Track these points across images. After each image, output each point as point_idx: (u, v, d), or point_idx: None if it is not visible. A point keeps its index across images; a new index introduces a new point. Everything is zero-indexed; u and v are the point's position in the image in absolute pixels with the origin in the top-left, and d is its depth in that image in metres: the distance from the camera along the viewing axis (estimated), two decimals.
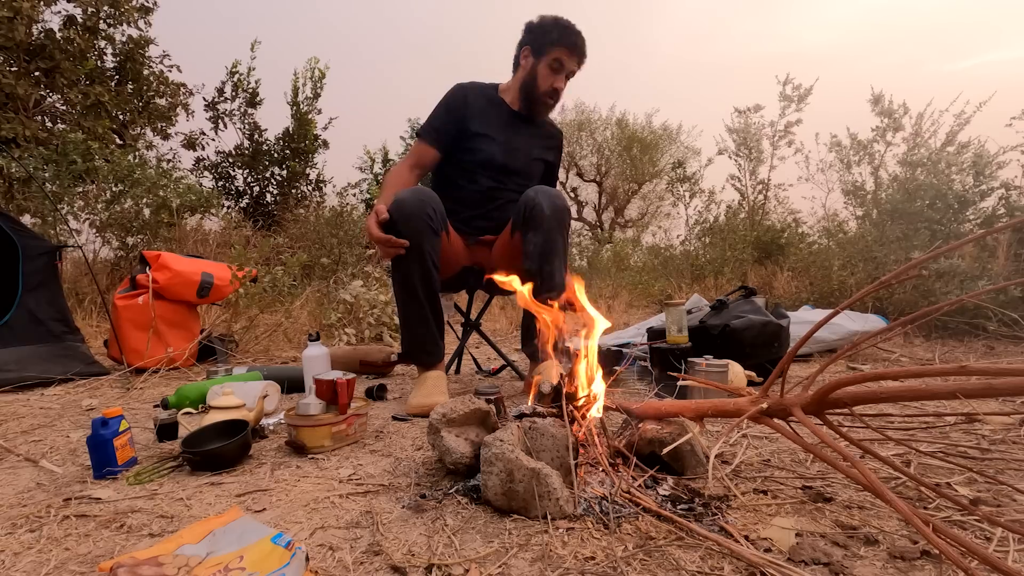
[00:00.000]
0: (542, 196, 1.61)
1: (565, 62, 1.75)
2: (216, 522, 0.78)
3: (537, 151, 1.91)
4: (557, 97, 1.80)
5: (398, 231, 1.55)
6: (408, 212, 1.54)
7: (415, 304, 1.61)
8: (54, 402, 1.80)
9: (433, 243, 1.58)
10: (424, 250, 1.56)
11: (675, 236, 7.46)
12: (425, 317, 1.63)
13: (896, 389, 0.77)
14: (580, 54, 1.77)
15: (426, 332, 1.64)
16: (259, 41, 6.51)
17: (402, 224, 1.54)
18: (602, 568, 0.70)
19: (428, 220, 1.55)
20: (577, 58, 1.77)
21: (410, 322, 1.64)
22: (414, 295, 1.60)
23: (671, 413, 1.02)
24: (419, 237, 1.55)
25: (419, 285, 1.58)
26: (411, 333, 1.65)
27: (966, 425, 1.26)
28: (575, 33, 1.75)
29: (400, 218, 1.54)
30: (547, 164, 1.97)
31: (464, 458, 0.98)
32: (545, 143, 1.95)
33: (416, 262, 1.56)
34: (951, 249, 0.70)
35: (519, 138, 1.85)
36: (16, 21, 4.62)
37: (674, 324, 1.76)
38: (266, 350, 2.83)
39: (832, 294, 3.51)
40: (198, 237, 4.58)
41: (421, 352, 1.66)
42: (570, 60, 1.75)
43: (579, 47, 1.75)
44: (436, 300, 1.66)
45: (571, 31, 1.74)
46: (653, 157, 12.97)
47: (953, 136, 4.34)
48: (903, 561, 0.71)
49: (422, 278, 1.58)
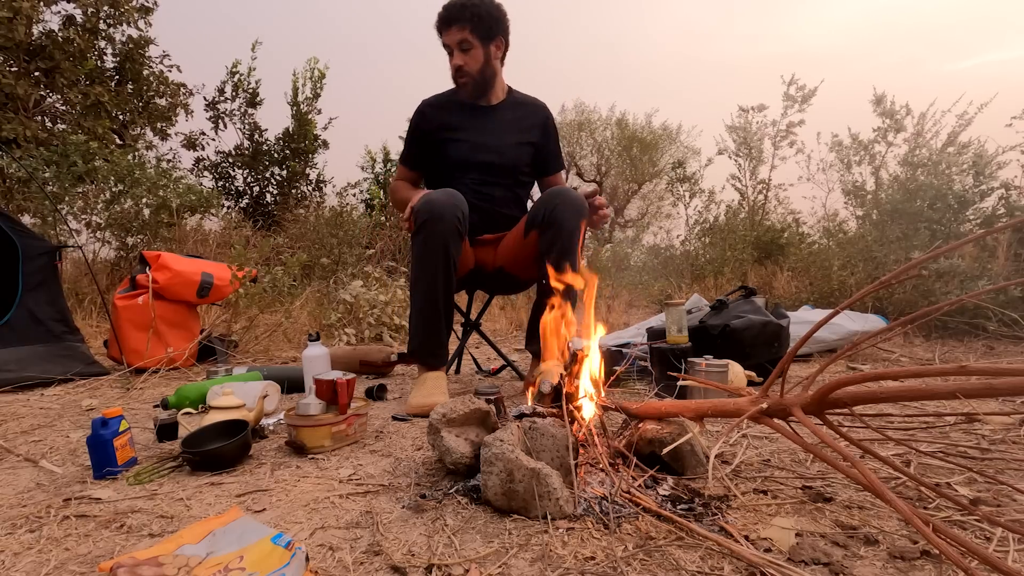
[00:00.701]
0: (562, 199, 1.59)
1: (445, 39, 1.70)
2: (216, 522, 0.78)
3: (513, 136, 1.82)
4: (462, 74, 1.72)
5: (427, 230, 1.54)
6: (440, 212, 1.53)
7: (432, 306, 1.60)
8: (54, 402, 1.80)
9: (458, 246, 1.58)
10: (450, 252, 1.56)
11: (675, 236, 7.46)
12: (439, 319, 1.62)
13: (896, 389, 0.77)
14: (451, 21, 1.67)
15: (438, 335, 1.64)
16: (260, 42, 6.51)
17: (433, 224, 1.53)
18: (602, 568, 0.70)
19: (457, 222, 1.55)
20: (454, 27, 1.67)
21: (424, 323, 1.63)
22: (433, 297, 1.59)
23: (671, 413, 1.02)
24: (447, 239, 1.54)
25: (441, 287, 1.58)
26: (423, 334, 1.64)
27: (966, 425, 1.26)
28: (444, 7, 1.68)
29: (431, 218, 1.53)
30: (535, 146, 1.86)
31: (464, 458, 0.98)
32: (522, 124, 1.84)
33: (442, 263, 1.56)
34: (951, 249, 0.70)
35: (487, 130, 1.79)
36: (16, 21, 4.62)
37: (674, 324, 1.76)
38: (266, 350, 2.83)
39: (832, 294, 3.51)
40: (198, 237, 4.58)
41: (429, 354, 1.66)
42: (447, 34, 1.69)
43: (445, 17, 1.67)
44: (451, 304, 1.67)
45: (441, 7, 1.68)
46: (653, 157, 12.98)
47: (955, 137, 4.34)
48: (903, 561, 0.71)
49: (444, 281, 1.58)
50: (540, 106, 1.90)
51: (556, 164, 1.94)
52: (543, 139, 1.87)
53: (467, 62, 1.70)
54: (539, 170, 1.92)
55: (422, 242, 1.57)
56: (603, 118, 13.23)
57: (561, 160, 1.97)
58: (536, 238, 1.64)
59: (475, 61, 1.71)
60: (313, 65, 6.74)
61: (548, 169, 1.93)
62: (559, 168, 1.95)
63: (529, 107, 1.88)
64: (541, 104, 1.91)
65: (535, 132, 1.85)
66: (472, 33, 1.67)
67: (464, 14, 1.65)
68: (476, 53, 1.70)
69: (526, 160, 1.85)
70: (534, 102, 1.90)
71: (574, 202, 1.59)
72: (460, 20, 1.66)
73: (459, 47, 1.69)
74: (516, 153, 1.82)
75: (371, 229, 5.23)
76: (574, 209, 1.58)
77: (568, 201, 1.59)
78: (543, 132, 1.87)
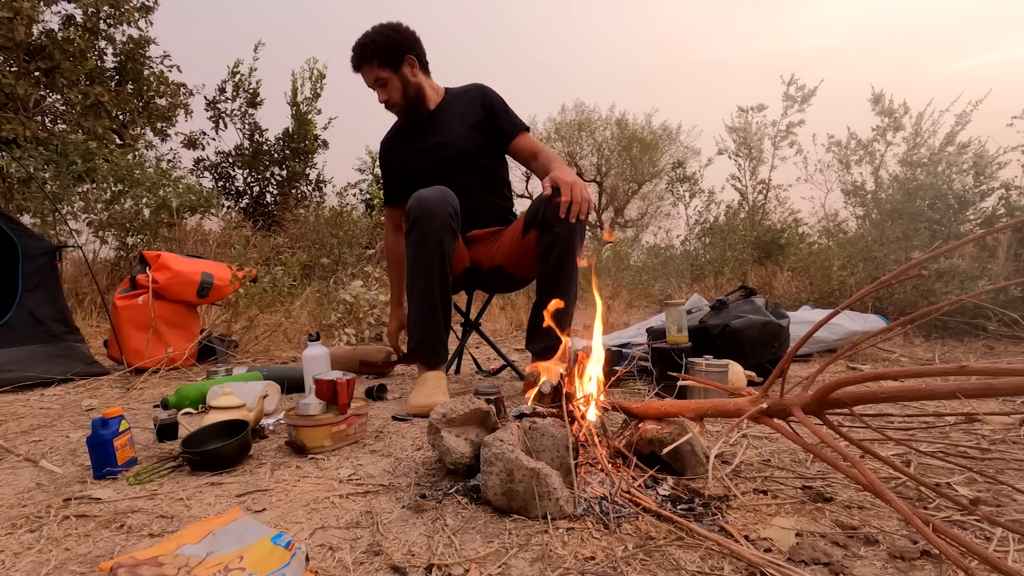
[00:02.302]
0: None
1: (364, 79, 1.78)
2: (216, 522, 0.78)
3: (459, 125, 1.82)
4: (390, 106, 1.81)
5: (420, 228, 1.55)
6: (432, 209, 1.53)
7: (430, 304, 1.60)
8: (54, 402, 1.80)
9: (452, 243, 1.58)
10: (444, 249, 1.56)
11: (675, 236, 7.46)
12: (437, 317, 1.62)
13: (896, 389, 0.77)
14: (358, 67, 1.76)
15: (437, 332, 1.64)
16: (263, 43, 6.50)
17: (426, 221, 1.53)
18: (602, 568, 0.70)
19: (450, 219, 1.55)
20: (364, 67, 1.75)
21: (423, 321, 1.63)
22: (431, 295, 1.59)
23: (671, 413, 1.02)
24: (441, 235, 1.54)
25: (437, 285, 1.58)
26: (422, 332, 1.64)
27: (966, 425, 1.26)
28: (353, 51, 1.75)
29: (423, 215, 1.54)
30: (482, 123, 1.82)
31: (464, 458, 0.98)
32: (463, 111, 1.84)
33: (438, 260, 1.56)
34: (951, 249, 0.70)
35: (435, 132, 1.83)
36: (16, 21, 4.62)
37: (674, 324, 1.76)
38: (266, 350, 2.83)
39: (832, 294, 3.51)
40: (198, 237, 4.58)
41: (430, 353, 1.66)
42: (364, 75, 1.77)
43: (355, 62, 1.76)
44: (449, 301, 1.67)
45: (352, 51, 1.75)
46: (653, 157, 12.97)
47: (953, 136, 4.34)
48: (903, 561, 0.71)
49: (441, 278, 1.58)
50: (473, 88, 1.90)
51: (511, 127, 1.84)
52: (486, 112, 1.84)
53: (390, 95, 1.78)
54: (501, 142, 1.85)
55: (416, 240, 1.57)
56: (603, 118, 13.23)
57: (516, 121, 1.85)
58: (536, 237, 1.64)
59: (395, 91, 1.78)
60: (313, 65, 6.74)
61: (506, 135, 1.84)
62: (516, 130, 1.84)
63: (463, 94, 1.89)
64: (475, 85, 1.91)
65: (475, 111, 1.85)
66: (380, 67, 1.74)
67: (366, 53, 1.73)
68: (393, 83, 1.77)
69: (480, 141, 1.83)
70: (467, 89, 1.91)
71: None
72: (366, 60, 1.74)
73: (376, 84, 1.77)
74: (468, 138, 1.82)
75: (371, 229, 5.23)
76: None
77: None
78: (483, 106, 1.85)
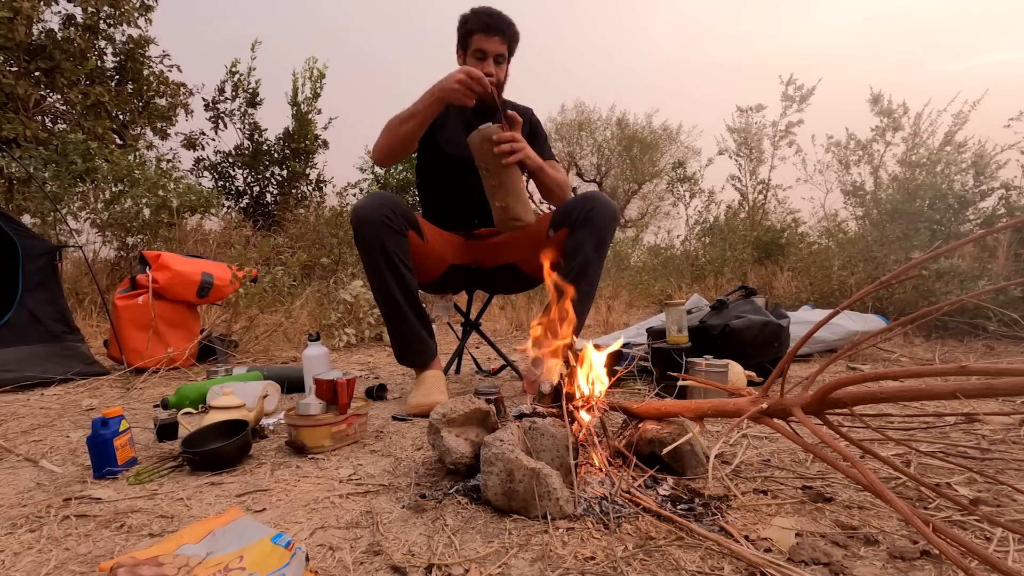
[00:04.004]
0: (599, 202, 1.62)
1: (484, 45, 1.68)
2: (216, 522, 0.78)
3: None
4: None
5: (358, 238, 1.57)
6: (365, 216, 1.55)
7: (393, 306, 1.61)
8: (54, 402, 1.80)
9: (397, 242, 1.58)
10: (389, 249, 1.56)
11: (675, 236, 7.46)
12: (405, 317, 1.63)
13: (896, 389, 0.77)
14: (498, 31, 1.68)
15: (410, 331, 1.64)
16: (260, 41, 6.50)
17: (361, 229, 1.55)
18: (602, 568, 0.70)
19: (387, 221, 1.55)
20: (498, 37, 1.68)
21: (393, 324, 1.65)
22: (390, 297, 1.60)
23: (671, 413, 1.02)
24: (380, 237, 1.55)
25: (394, 286, 1.58)
26: (396, 335, 1.67)
27: (966, 425, 1.26)
28: (488, 14, 1.69)
29: (358, 224, 1.56)
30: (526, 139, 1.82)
31: (464, 458, 0.98)
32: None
33: (384, 263, 1.56)
34: (951, 249, 0.70)
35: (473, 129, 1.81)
36: (16, 21, 4.62)
37: (674, 324, 1.76)
38: (266, 350, 2.83)
39: (832, 294, 3.51)
40: (198, 237, 4.57)
41: (411, 353, 1.67)
42: (489, 41, 1.68)
43: (493, 26, 1.67)
44: (414, 299, 1.65)
45: (484, 13, 1.69)
46: (653, 157, 12.98)
47: (951, 136, 4.34)
48: (903, 561, 0.71)
49: (395, 278, 1.58)
50: (526, 108, 1.95)
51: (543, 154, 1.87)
52: (530, 132, 1.89)
53: (498, 74, 1.74)
54: None
55: (361, 251, 1.60)
56: (603, 118, 13.25)
57: (548, 152, 1.90)
58: (565, 235, 1.65)
59: (503, 73, 1.77)
60: (312, 65, 6.74)
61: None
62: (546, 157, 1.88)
63: (516, 108, 1.91)
64: (527, 107, 1.96)
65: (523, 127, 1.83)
66: (507, 49, 1.74)
67: (509, 30, 1.71)
68: (504, 67, 1.76)
69: None
70: (521, 106, 1.95)
71: (608, 205, 1.64)
72: (504, 34, 1.70)
73: (496, 58, 1.72)
74: None
75: None
76: (610, 213, 1.63)
77: (604, 203, 1.64)
78: (530, 126, 1.89)
